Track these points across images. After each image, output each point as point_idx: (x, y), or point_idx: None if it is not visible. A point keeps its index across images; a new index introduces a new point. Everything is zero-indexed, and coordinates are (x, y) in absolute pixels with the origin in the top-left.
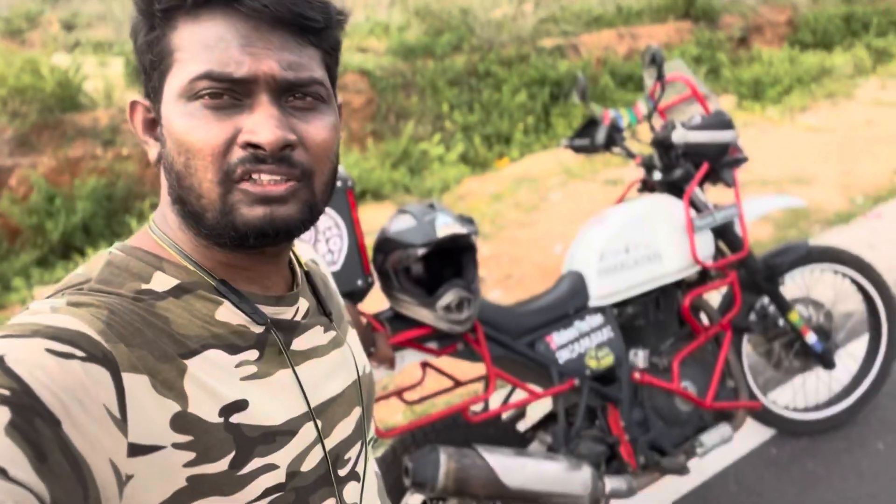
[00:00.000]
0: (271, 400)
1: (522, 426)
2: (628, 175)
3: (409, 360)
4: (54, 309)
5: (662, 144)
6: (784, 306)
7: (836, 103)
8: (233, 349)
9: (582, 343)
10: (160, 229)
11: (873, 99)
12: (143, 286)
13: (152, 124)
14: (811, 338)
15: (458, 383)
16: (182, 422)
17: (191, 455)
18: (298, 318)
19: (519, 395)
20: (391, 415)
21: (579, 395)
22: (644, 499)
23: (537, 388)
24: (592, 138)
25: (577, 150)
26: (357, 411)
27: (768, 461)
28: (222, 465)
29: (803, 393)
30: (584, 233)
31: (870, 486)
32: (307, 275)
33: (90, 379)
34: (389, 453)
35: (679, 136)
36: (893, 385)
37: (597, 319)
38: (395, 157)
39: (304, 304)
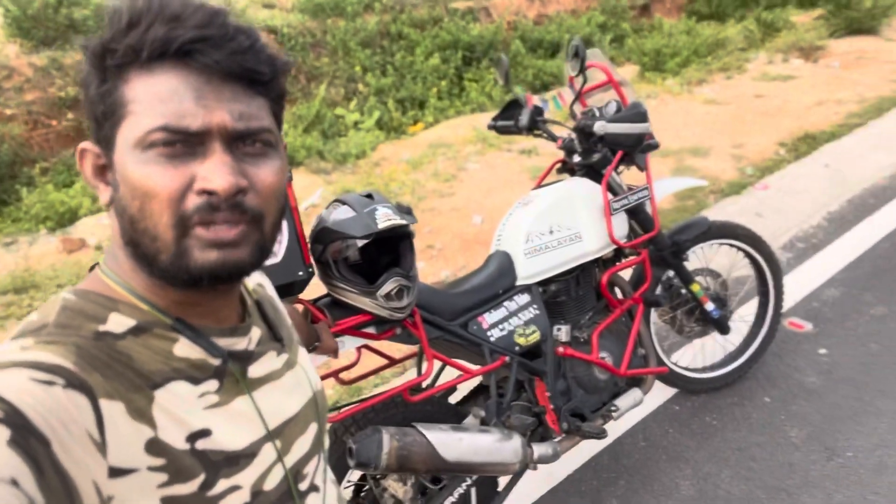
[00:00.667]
0: (232, 426)
1: (453, 399)
2: (541, 145)
3: (349, 346)
4: (24, 348)
5: (583, 132)
6: (687, 278)
7: (730, 76)
8: (194, 381)
9: (511, 322)
10: (112, 271)
11: (762, 73)
12: (101, 328)
13: (102, 170)
14: (709, 306)
15: (393, 361)
16: (155, 447)
17: (164, 477)
18: (252, 346)
19: (451, 373)
20: (327, 395)
21: (509, 371)
22: (564, 459)
23: (471, 366)
24: (516, 121)
25: (501, 130)
26: (313, 427)
27: (672, 417)
28: (193, 486)
29: (702, 354)
30: (510, 215)
31: (758, 436)
32: (257, 303)
33: (72, 404)
34: (331, 434)
35: (600, 127)
36: (777, 345)
37: (524, 298)
38: (308, 120)
39: (256, 332)
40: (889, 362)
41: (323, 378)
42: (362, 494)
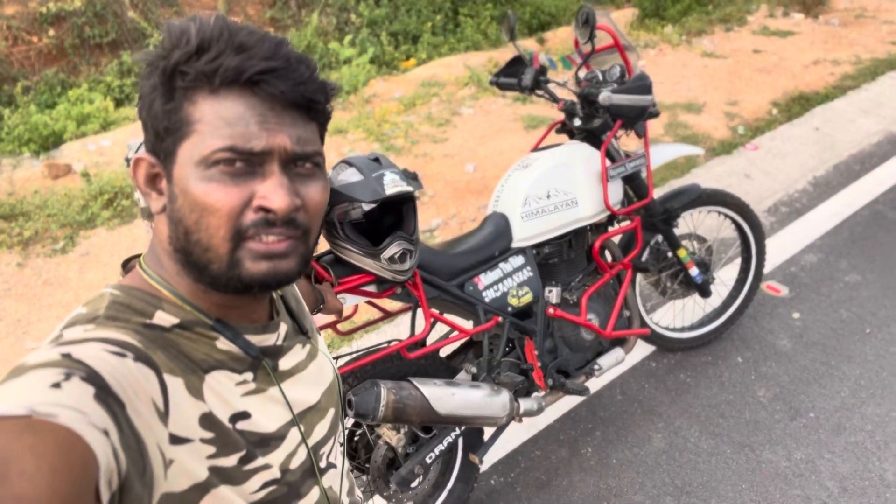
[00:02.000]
0: (265, 412)
1: (444, 353)
2: None
3: (350, 303)
4: (88, 330)
5: (587, 99)
6: (675, 244)
7: (730, 28)
8: (234, 370)
9: (505, 283)
10: (155, 272)
11: (762, 26)
12: (149, 321)
13: (154, 178)
14: (694, 271)
15: (387, 314)
16: (207, 422)
17: (213, 449)
18: (280, 341)
19: (443, 327)
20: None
21: (501, 329)
22: (546, 410)
23: (464, 325)
24: (519, 79)
25: (502, 87)
26: (331, 413)
27: (648, 373)
28: (233, 460)
29: (682, 314)
30: (508, 177)
31: (728, 394)
32: (282, 298)
33: (141, 375)
34: None
35: (604, 98)
36: (753, 307)
37: (518, 260)
38: (300, 50)
39: (283, 328)
40: (857, 329)
41: (321, 328)
42: (355, 439)
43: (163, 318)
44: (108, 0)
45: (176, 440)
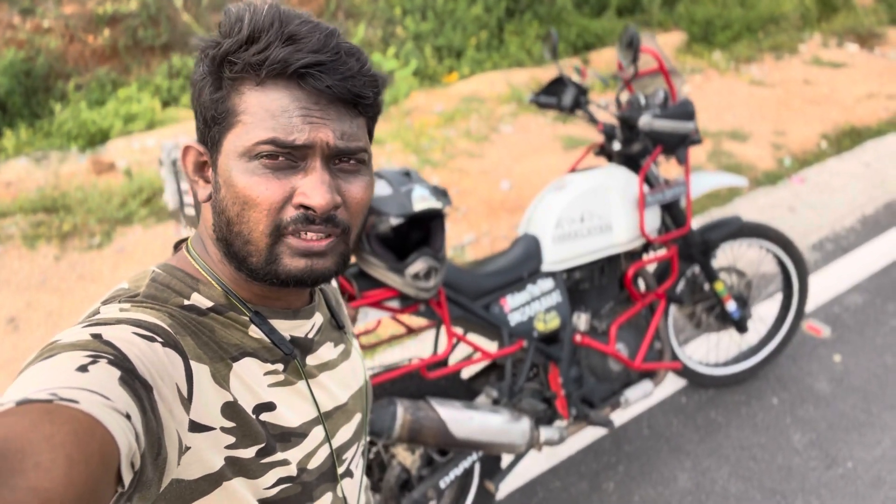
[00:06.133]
0: (290, 405)
1: (465, 374)
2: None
3: (373, 317)
4: (123, 309)
5: (627, 122)
6: (712, 276)
7: (780, 57)
8: (264, 359)
9: (532, 306)
10: (200, 257)
11: (814, 56)
12: (186, 302)
13: (202, 166)
14: (731, 305)
15: (410, 330)
16: (230, 410)
17: (232, 439)
18: (312, 334)
19: (466, 347)
20: None
21: (525, 354)
22: (568, 440)
23: (488, 347)
24: (559, 98)
25: (542, 105)
26: (357, 418)
27: (677, 409)
28: (251, 452)
29: (716, 349)
30: (542, 198)
31: (761, 437)
32: (321, 291)
33: (168, 360)
34: None
35: (645, 122)
36: (792, 347)
37: (548, 284)
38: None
39: (318, 318)
40: None
41: None
42: (370, 456)
43: (199, 301)
44: (162, 3)
45: (196, 427)
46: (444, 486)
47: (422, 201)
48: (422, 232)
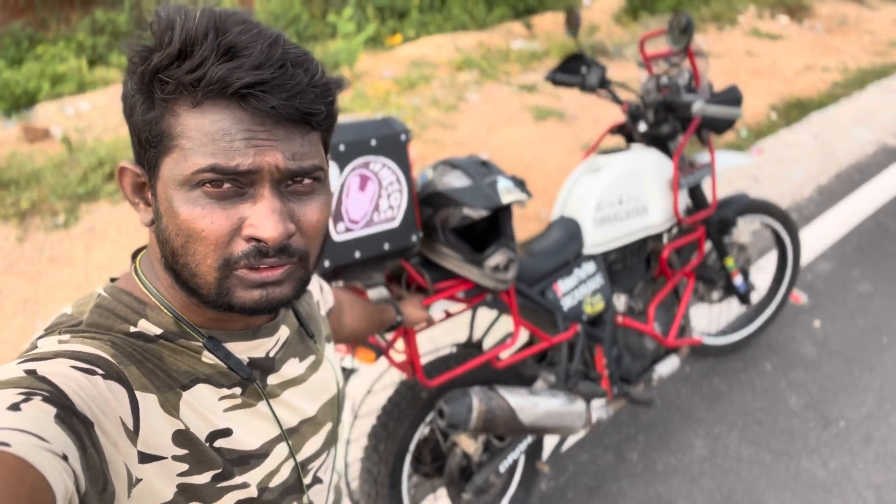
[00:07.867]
0: (249, 428)
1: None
2: (540, 81)
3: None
4: (62, 341)
5: (670, 105)
6: (723, 252)
7: (722, 27)
8: (218, 385)
9: (581, 290)
10: (148, 280)
11: (752, 28)
12: (132, 329)
13: (141, 187)
14: (738, 280)
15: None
16: (182, 438)
17: (185, 466)
18: (275, 352)
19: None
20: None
21: (576, 338)
22: None
23: (547, 334)
24: (584, 78)
25: (559, 83)
26: (328, 427)
27: (684, 378)
28: (206, 478)
29: (716, 320)
30: (576, 181)
31: (762, 402)
32: None
33: (111, 393)
34: (408, 390)
35: (698, 108)
36: (780, 314)
37: (591, 267)
38: (285, 21)
39: (284, 332)
40: (874, 339)
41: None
42: (421, 446)
43: (147, 327)
44: None
45: (146, 458)
46: (504, 470)
47: (508, 193)
48: (486, 222)
